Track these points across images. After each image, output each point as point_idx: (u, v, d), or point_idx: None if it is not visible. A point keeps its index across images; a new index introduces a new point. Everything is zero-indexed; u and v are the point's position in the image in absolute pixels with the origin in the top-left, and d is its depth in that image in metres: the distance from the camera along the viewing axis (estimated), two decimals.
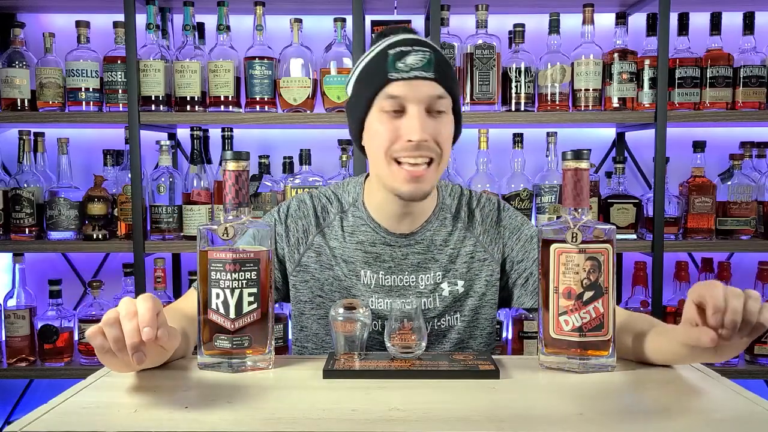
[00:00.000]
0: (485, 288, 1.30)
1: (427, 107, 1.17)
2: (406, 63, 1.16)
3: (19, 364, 2.18)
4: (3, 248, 2.20)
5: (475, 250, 1.30)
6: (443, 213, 1.32)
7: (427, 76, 1.15)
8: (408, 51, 1.16)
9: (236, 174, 1.04)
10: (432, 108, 1.17)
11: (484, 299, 1.30)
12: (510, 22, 2.22)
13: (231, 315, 1.01)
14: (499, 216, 1.34)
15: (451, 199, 1.34)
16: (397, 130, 1.17)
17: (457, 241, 1.30)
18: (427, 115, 1.17)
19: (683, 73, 2.16)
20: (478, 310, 1.29)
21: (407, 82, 1.16)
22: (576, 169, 1.02)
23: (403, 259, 1.28)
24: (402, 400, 0.89)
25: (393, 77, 1.16)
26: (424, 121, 1.16)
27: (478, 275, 1.29)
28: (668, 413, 0.85)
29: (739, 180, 2.19)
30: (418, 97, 1.16)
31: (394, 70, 1.16)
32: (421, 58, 1.16)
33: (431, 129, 1.17)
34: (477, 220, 1.33)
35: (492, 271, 1.30)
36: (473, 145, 2.23)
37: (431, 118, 1.18)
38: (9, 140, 2.35)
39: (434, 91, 1.17)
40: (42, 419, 0.83)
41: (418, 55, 1.16)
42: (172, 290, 2.43)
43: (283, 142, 2.37)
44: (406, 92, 1.16)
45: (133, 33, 2.07)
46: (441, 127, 1.18)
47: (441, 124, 1.19)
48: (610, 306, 1.00)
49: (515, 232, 1.33)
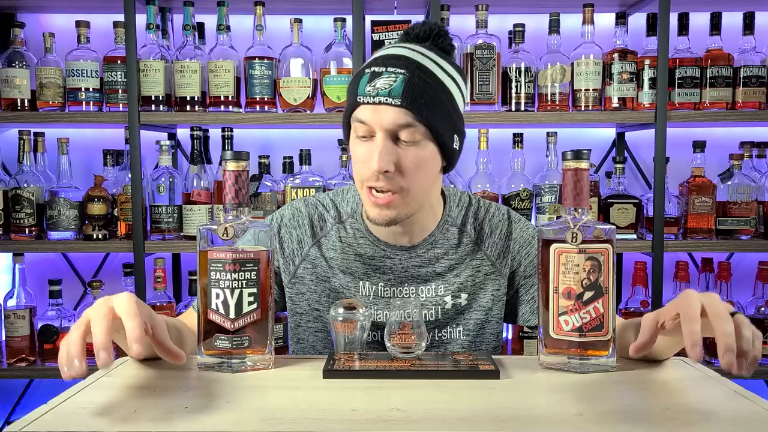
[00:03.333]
0: (491, 303, 1.26)
1: (392, 135, 1.10)
2: (374, 86, 1.09)
3: (19, 364, 2.18)
4: (3, 248, 2.20)
5: (481, 263, 1.26)
6: (448, 225, 1.27)
7: (392, 102, 1.08)
8: (380, 72, 1.10)
9: (236, 174, 1.04)
10: (398, 135, 1.10)
11: (490, 314, 1.26)
12: (510, 22, 2.22)
13: (231, 315, 1.01)
14: (509, 228, 1.29)
15: (459, 209, 1.29)
16: (366, 155, 1.12)
17: (463, 253, 1.26)
18: (395, 143, 1.11)
19: (683, 73, 2.16)
20: (484, 325, 1.26)
21: (373, 107, 1.09)
22: (576, 169, 1.02)
23: (404, 272, 1.25)
24: (402, 400, 0.89)
25: (360, 101, 1.11)
26: (385, 150, 1.09)
27: (483, 289, 1.26)
28: (668, 413, 0.85)
29: (739, 180, 2.19)
30: (382, 123, 1.09)
31: (363, 93, 1.10)
32: (390, 83, 1.08)
33: (395, 158, 1.10)
34: (485, 233, 1.28)
35: (499, 285, 1.27)
36: (473, 145, 2.23)
37: (399, 146, 1.11)
38: (9, 140, 2.35)
39: (400, 119, 1.09)
40: (42, 419, 0.83)
41: (389, 78, 1.09)
42: (172, 290, 2.43)
43: (283, 142, 2.37)
44: (370, 117, 1.10)
45: (133, 33, 2.07)
46: (408, 154, 1.11)
47: (410, 151, 1.11)
48: (610, 306, 1.00)
49: (525, 246, 1.29)
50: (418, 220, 1.23)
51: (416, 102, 1.09)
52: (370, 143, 1.12)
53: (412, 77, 1.09)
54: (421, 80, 1.10)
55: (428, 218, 1.25)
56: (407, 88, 1.08)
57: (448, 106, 1.14)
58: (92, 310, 0.91)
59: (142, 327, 0.89)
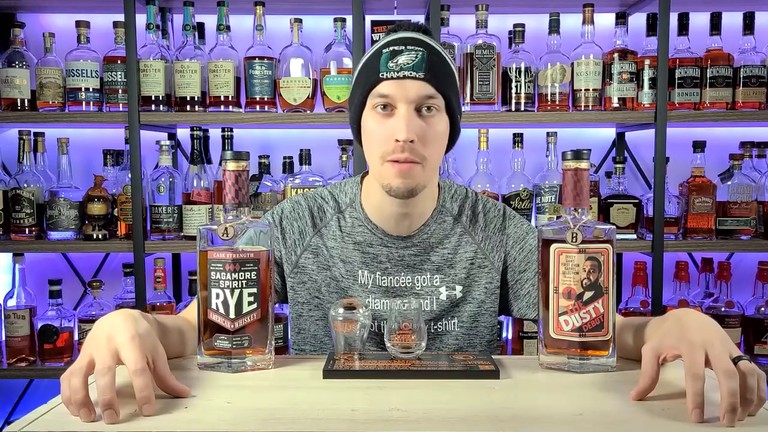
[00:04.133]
0: (484, 295, 1.28)
1: (416, 107, 1.16)
2: (397, 62, 1.16)
3: (19, 364, 2.18)
4: (3, 248, 2.20)
5: (475, 256, 1.29)
6: (442, 215, 1.30)
7: (416, 75, 1.15)
8: (400, 50, 1.17)
9: (236, 174, 1.04)
10: (422, 107, 1.17)
11: (483, 306, 1.28)
12: (510, 22, 2.22)
13: (231, 315, 1.01)
14: (503, 223, 1.32)
15: (453, 201, 1.33)
16: (388, 129, 1.16)
17: (457, 244, 1.29)
18: (417, 115, 1.17)
19: (683, 73, 2.16)
20: (477, 318, 1.28)
21: (397, 81, 1.16)
22: (576, 169, 1.02)
23: (400, 260, 1.27)
24: (402, 400, 0.89)
25: (383, 77, 1.16)
26: (411, 121, 1.15)
27: (477, 281, 1.28)
28: (668, 413, 0.85)
29: (739, 180, 2.19)
30: (407, 96, 1.16)
31: (386, 69, 1.16)
32: (412, 58, 1.16)
33: (418, 129, 1.15)
34: (479, 225, 1.31)
35: (491, 278, 1.29)
36: (473, 145, 2.23)
37: (420, 119, 1.17)
38: (9, 140, 2.35)
39: (424, 91, 1.16)
40: (42, 419, 0.83)
41: (410, 54, 1.16)
42: (172, 290, 2.43)
43: (283, 142, 2.37)
44: (395, 91, 1.16)
45: (133, 33, 2.07)
46: (429, 127, 1.17)
47: (430, 124, 1.17)
48: (610, 306, 1.00)
49: (519, 242, 1.31)
50: (420, 201, 1.25)
51: (437, 76, 1.17)
52: (390, 118, 1.17)
53: (431, 54, 1.18)
54: (437, 58, 1.19)
55: (427, 202, 1.28)
56: (429, 63, 1.17)
57: (456, 85, 1.24)
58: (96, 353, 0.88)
59: (150, 385, 0.86)
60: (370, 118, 1.20)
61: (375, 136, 1.19)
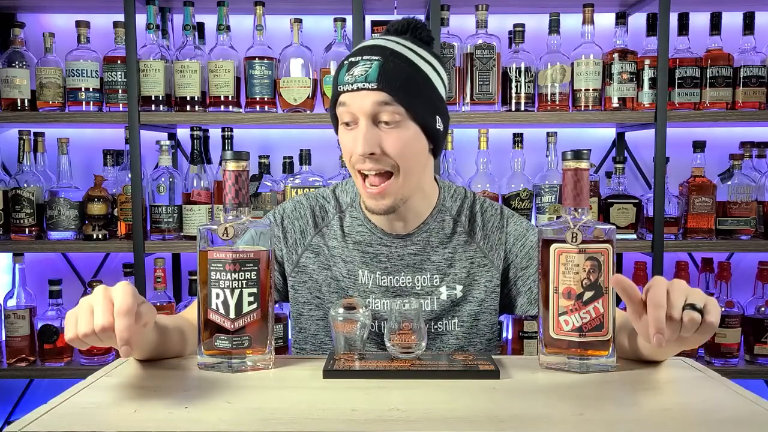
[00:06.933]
0: (484, 294, 1.28)
1: (373, 118, 1.15)
2: (352, 74, 1.15)
3: (19, 364, 2.18)
4: (3, 248, 2.20)
5: (475, 255, 1.29)
6: (442, 215, 1.30)
7: (368, 86, 1.14)
8: (356, 61, 1.16)
9: (236, 174, 1.04)
10: (379, 118, 1.15)
11: (484, 305, 1.28)
12: (510, 22, 2.22)
13: (231, 315, 1.01)
14: (501, 221, 1.32)
15: (453, 201, 1.33)
16: (349, 143, 1.18)
17: (457, 244, 1.29)
18: (377, 126, 1.16)
19: (683, 73, 2.16)
20: (477, 317, 1.28)
21: (353, 93, 1.15)
22: (576, 169, 1.02)
23: (400, 260, 1.27)
24: (402, 400, 0.89)
25: (341, 90, 1.17)
26: (367, 133, 1.14)
27: (477, 281, 1.28)
28: (668, 413, 0.85)
29: (739, 180, 2.19)
30: (362, 108, 1.15)
31: (342, 83, 1.17)
32: (366, 69, 1.14)
33: (377, 141, 1.14)
34: (478, 225, 1.31)
35: (491, 277, 1.29)
36: (473, 145, 2.23)
37: (380, 130, 1.16)
38: (9, 140, 2.35)
39: (377, 98, 1.14)
40: (42, 419, 0.83)
41: (365, 65, 1.15)
42: (172, 290, 2.43)
43: (283, 142, 2.37)
44: (351, 103, 1.16)
45: (133, 33, 2.07)
46: (390, 137, 1.15)
47: (391, 133, 1.15)
48: (610, 306, 1.00)
49: (520, 239, 1.31)
50: (413, 206, 1.26)
51: (391, 84, 1.14)
52: (354, 131, 1.17)
53: (386, 62, 1.15)
54: (395, 65, 1.16)
55: (422, 204, 1.28)
56: (382, 72, 1.14)
57: (426, 89, 1.19)
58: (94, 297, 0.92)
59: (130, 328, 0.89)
60: (341, 131, 1.22)
61: (344, 148, 1.21)
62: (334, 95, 1.20)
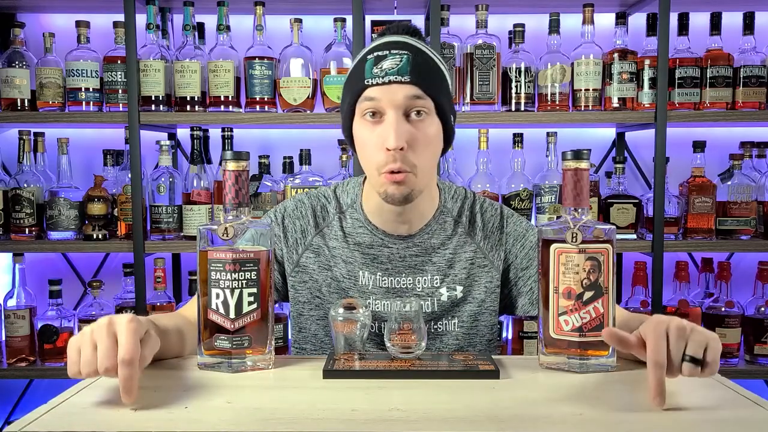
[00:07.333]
0: (484, 294, 1.28)
1: (405, 111, 1.16)
2: (381, 68, 1.15)
3: (19, 364, 2.18)
4: (3, 248, 2.20)
5: (475, 256, 1.29)
6: (443, 216, 1.30)
7: (401, 79, 1.14)
8: (384, 55, 1.16)
9: (236, 174, 1.04)
10: (410, 111, 1.16)
11: (483, 306, 1.28)
12: (510, 22, 2.22)
13: (231, 315, 1.01)
14: (501, 222, 1.32)
15: (453, 201, 1.33)
16: (378, 137, 1.16)
17: (457, 245, 1.29)
18: (406, 120, 1.16)
19: (683, 73, 2.16)
20: (477, 317, 1.28)
21: (382, 87, 1.15)
22: (576, 169, 1.02)
23: (401, 261, 1.27)
24: (402, 400, 0.89)
25: (369, 83, 1.16)
26: (399, 127, 1.14)
27: (477, 281, 1.28)
28: (668, 413, 0.85)
29: (739, 180, 2.19)
30: (394, 101, 1.15)
31: (371, 76, 1.16)
32: (397, 62, 1.15)
33: (408, 135, 1.14)
34: (478, 225, 1.31)
35: (491, 278, 1.29)
36: (473, 145, 2.23)
37: (410, 123, 1.16)
38: (9, 140, 2.35)
39: (410, 92, 1.15)
40: (42, 419, 0.83)
41: (394, 58, 1.15)
42: (172, 290, 2.43)
43: (283, 142, 2.37)
44: (381, 97, 1.15)
45: (133, 33, 2.07)
46: (419, 131, 1.16)
47: (420, 128, 1.16)
48: (610, 306, 1.00)
49: (519, 239, 1.31)
50: (418, 207, 1.26)
51: (423, 78, 1.16)
52: (379, 126, 1.16)
53: (416, 56, 1.17)
54: (423, 60, 1.18)
55: (426, 205, 1.28)
56: (414, 66, 1.15)
57: (444, 86, 1.22)
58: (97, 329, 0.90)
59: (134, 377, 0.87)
60: (361, 126, 1.20)
61: (367, 145, 1.18)
62: (357, 89, 1.18)
